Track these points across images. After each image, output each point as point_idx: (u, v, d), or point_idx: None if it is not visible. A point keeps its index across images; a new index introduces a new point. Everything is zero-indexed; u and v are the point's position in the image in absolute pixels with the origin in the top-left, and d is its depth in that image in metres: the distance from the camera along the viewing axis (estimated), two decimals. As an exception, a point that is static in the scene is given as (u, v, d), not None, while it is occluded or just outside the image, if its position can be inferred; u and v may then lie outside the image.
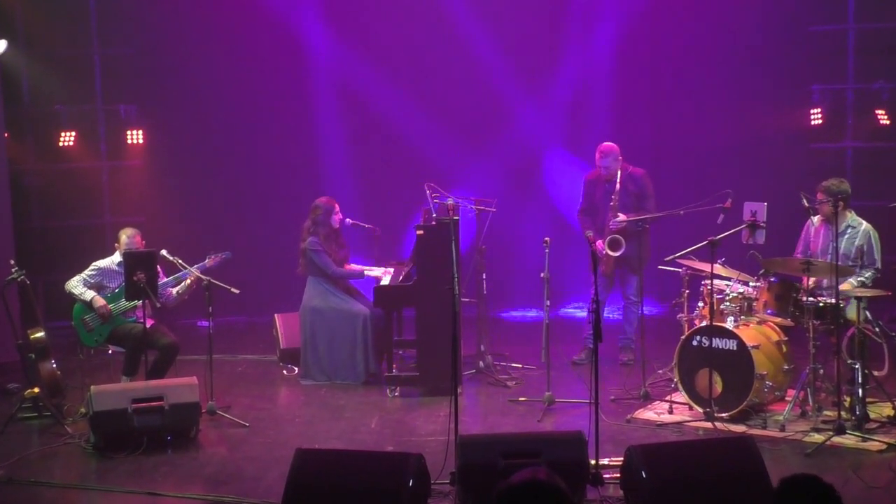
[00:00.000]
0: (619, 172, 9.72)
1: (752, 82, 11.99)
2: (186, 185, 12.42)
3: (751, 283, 8.44)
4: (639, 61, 12.32)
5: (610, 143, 9.86)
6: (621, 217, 9.62)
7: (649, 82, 12.42)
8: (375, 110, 12.45)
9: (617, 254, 9.65)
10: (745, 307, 8.36)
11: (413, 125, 12.39)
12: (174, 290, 9.10)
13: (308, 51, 12.51)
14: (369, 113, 12.47)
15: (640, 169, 9.93)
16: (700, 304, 8.62)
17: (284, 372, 10.13)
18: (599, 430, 6.84)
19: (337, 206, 9.78)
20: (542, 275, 8.65)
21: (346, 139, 12.54)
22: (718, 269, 8.42)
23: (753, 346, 8.07)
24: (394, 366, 9.38)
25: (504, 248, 11.84)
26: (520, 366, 9.97)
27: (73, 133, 11.97)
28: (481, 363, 9.77)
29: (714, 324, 8.21)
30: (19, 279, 8.88)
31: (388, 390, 9.22)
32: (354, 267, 9.95)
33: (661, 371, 9.26)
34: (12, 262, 9.08)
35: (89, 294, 8.89)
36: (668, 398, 8.58)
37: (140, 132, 12.17)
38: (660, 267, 9.08)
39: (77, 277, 8.98)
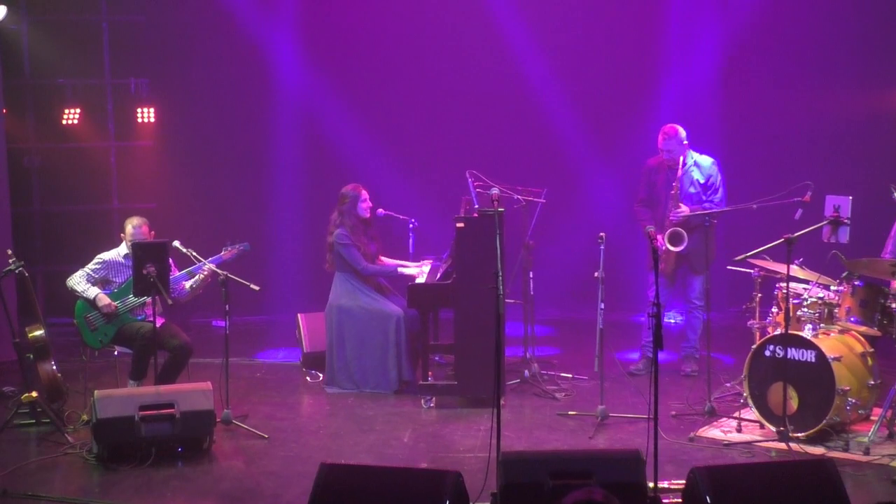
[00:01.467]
0: (681, 159, 9.67)
1: (837, 58, 11.88)
2: (202, 168, 12.50)
3: (832, 287, 8.37)
4: (712, 37, 12.27)
5: (674, 125, 9.81)
6: (682, 208, 9.57)
7: (718, 58, 12.35)
8: (416, 93, 12.51)
9: (678, 249, 9.60)
10: (826, 314, 8.28)
11: (455, 110, 12.45)
12: (187, 285, 9.14)
13: (345, 29, 12.56)
14: (409, 94, 12.52)
15: (708, 156, 9.87)
16: (774, 309, 8.56)
17: (308, 378, 10.17)
18: (659, 449, 6.78)
19: (365, 192, 9.78)
20: (596, 274, 8.62)
21: (383, 121, 12.57)
22: (795, 270, 8.35)
23: (834, 358, 8.01)
24: (429, 373, 9.38)
25: (553, 243, 11.85)
26: (570, 376, 9.95)
27: (78, 109, 12.09)
28: (527, 372, 9.76)
29: (790, 332, 8.14)
30: (17, 271, 8.94)
31: (422, 400, 9.22)
32: (387, 262, 9.96)
33: (728, 384, 9.21)
34: (10, 251, 9.15)
35: (93, 291, 8.95)
36: (736, 415, 8.53)
37: (152, 109, 12.26)
38: (729, 267, 9.02)
39: (80, 272, 9.03)
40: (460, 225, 9.11)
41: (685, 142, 9.72)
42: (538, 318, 10.48)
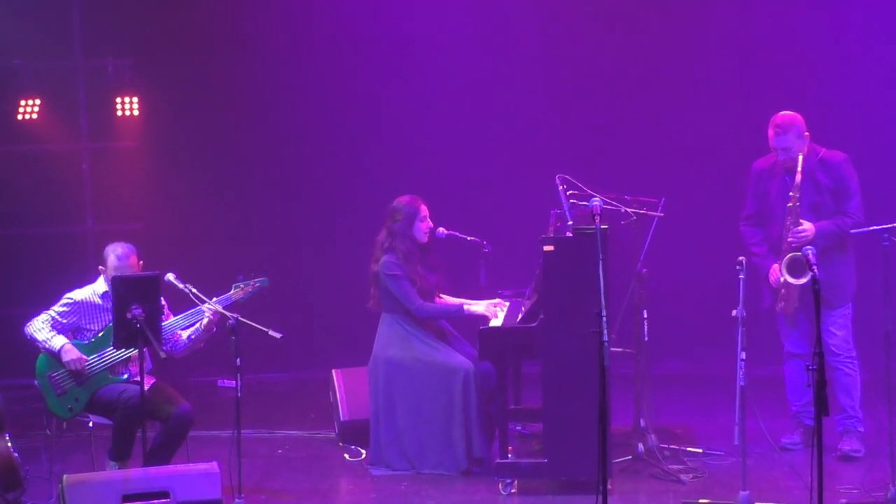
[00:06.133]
0: (801, 159, 9.57)
1: None
2: (203, 177, 12.58)
3: None
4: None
5: (789, 113, 9.72)
6: (805, 226, 9.47)
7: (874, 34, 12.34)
8: (484, 75, 12.55)
9: (801, 281, 9.50)
10: None
11: (539, 95, 12.48)
12: (185, 335, 9.18)
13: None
14: (476, 77, 12.57)
15: (838, 153, 9.78)
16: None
17: (346, 456, 10.19)
18: (825, 552, 6.74)
19: (425, 208, 9.78)
20: (734, 312, 8.55)
21: (443, 112, 12.60)
22: None
23: None
24: (509, 448, 9.35)
25: (675, 271, 11.78)
26: (700, 451, 9.90)
27: (39, 101, 12.16)
28: (641, 446, 9.71)
29: None
30: (-41, 316, 9.02)
31: (500, 485, 9.18)
32: (450, 301, 9.95)
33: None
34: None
35: (59, 341, 8.97)
36: (931, 505, 8.43)
37: (135, 99, 12.33)
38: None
39: (42, 316, 9.06)
40: (549, 248, 9.07)
41: (806, 134, 9.64)
42: (656, 373, 10.42)
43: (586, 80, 12.53)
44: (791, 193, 9.49)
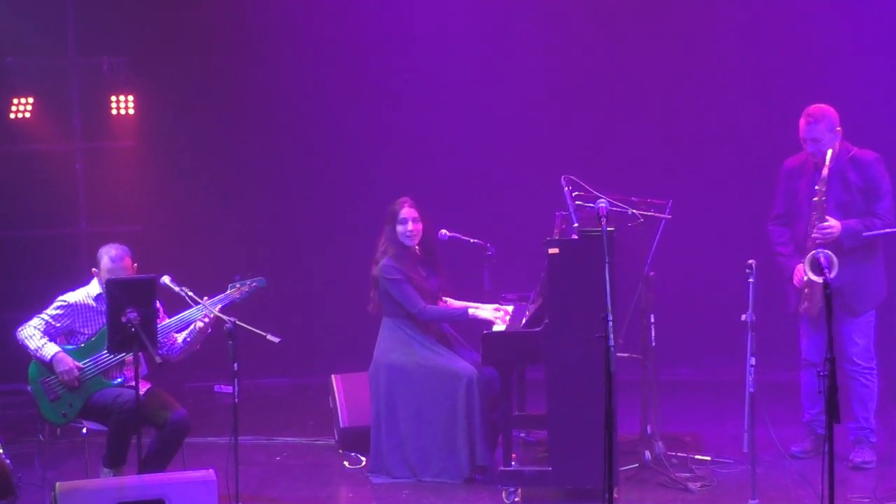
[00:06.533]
0: (829, 154, 9.52)
1: None
2: (200, 177, 12.57)
3: None
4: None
5: (823, 105, 9.67)
6: (831, 222, 9.41)
7: None
8: (488, 74, 12.56)
9: (822, 279, 9.45)
10: None
11: (544, 94, 12.48)
12: (180, 338, 9.16)
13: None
14: (480, 77, 12.59)
15: (870, 152, 9.73)
16: None
17: (346, 463, 10.17)
18: (836, 563, 6.72)
19: (407, 210, 9.67)
20: (743, 317, 8.53)
21: (444, 114, 12.59)
22: None
23: None
24: (513, 456, 9.33)
25: (682, 274, 11.76)
26: (708, 458, 9.88)
27: (32, 99, 12.14)
28: (648, 454, 9.69)
29: None
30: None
31: (504, 493, 9.16)
32: (454, 304, 9.93)
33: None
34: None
35: (50, 349, 8.94)
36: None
37: (131, 98, 12.31)
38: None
39: (34, 321, 9.04)
40: (554, 250, 9.05)
41: (838, 129, 9.59)
42: (663, 379, 10.39)
43: (591, 79, 12.52)
44: (817, 187, 9.42)
